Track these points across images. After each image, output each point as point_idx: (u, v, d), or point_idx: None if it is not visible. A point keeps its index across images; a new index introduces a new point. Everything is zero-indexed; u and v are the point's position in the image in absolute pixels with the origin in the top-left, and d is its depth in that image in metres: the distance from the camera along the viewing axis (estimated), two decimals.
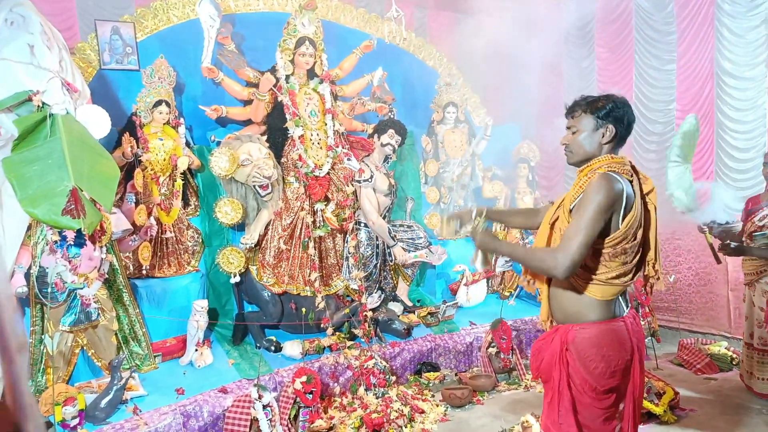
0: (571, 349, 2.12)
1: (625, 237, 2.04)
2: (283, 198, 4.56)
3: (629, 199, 2.04)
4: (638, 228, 2.07)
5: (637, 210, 2.06)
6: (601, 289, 2.09)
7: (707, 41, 5.38)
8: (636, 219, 2.05)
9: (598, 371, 2.08)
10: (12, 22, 2.96)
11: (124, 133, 4.04)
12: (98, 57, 4.27)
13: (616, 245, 2.04)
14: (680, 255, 5.56)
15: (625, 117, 2.11)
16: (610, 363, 2.08)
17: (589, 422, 2.14)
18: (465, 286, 5.47)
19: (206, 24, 4.46)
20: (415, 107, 5.81)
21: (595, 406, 2.12)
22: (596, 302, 2.10)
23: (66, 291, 3.36)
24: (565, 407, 2.14)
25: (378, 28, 5.58)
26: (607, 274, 2.06)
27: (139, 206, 4.06)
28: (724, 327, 5.27)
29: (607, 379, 2.09)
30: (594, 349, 2.08)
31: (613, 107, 2.09)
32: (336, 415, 3.87)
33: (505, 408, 4.07)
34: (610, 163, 2.08)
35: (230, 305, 4.62)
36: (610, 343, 2.08)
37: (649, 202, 2.14)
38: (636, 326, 2.17)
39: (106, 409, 3.32)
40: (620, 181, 2.02)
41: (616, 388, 2.13)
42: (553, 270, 1.99)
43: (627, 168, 2.10)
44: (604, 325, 2.10)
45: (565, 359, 2.13)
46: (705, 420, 3.73)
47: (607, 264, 2.06)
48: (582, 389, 2.11)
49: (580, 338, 2.11)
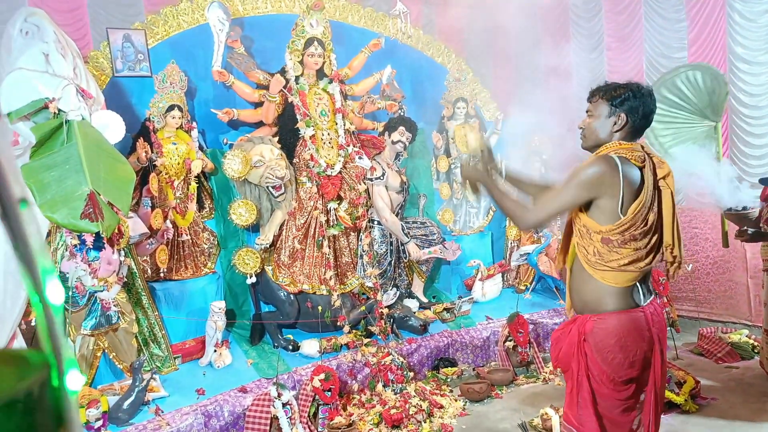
0: (588, 340, 2.12)
1: (634, 223, 2.03)
2: (296, 198, 4.59)
3: (633, 184, 2.04)
4: (649, 213, 2.06)
5: (646, 195, 2.05)
6: (614, 275, 2.08)
7: (719, 27, 5.33)
8: (644, 205, 2.04)
9: (616, 362, 2.08)
10: (27, 32, 3.02)
11: (138, 139, 4.09)
12: (111, 65, 4.33)
13: (624, 231, 2.04)
14: (698, 243, 5.50)
15: (640, 108, 2.10)
16: (628, 353, 2.07)
17: (608, 412, 2.14)
18: (480, 281, 5.46)
19: (215, 28, 4.50)
20: (424, 104, 5.81)
21: (613, 397, 2.12)
22: (613, 290, 2.09)
23: (86, 294, 3.42)
24: (584, 398, 2.15)
25: (386, 27, 5.59)
26: (620, 261, 2.06)
27: (155, 210, 4.11)
28: (745, 315, 5.20)
29: (625, 369, 2.08)
30: (611, 340, 2.08)
31: (628, 96, 2.10)
32: (355, 412, 3.89)
33: (524, 401, 4.06)
34: (617, 149, 2.09)
35: (247, 306, 4.66)
36: (628, 334, 2.07)
37: (664, 187, 2.12)
38: (657, 316, 2.15)
39: (129, 410, 3.37)
40: (619, 165, 2.02)
41: (636, 379, 2.12)
42: (517, 220, 2.15)
43: (637, 154, 2.09)
44: (622, 315, 2.09)
45: (583, 350, 2.14)
46: (727, 408, 3.69)
47: (618, 251, 2.06)
48: (600, 380, 2.11)
49: (597, 329, 2.11)
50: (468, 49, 6.29)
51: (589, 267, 2.11)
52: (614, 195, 2.03)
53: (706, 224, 5.37)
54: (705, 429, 3.45)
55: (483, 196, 2.41)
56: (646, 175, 2.08)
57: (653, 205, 2.08)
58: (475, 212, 5.90)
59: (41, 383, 0.32)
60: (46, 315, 0.33)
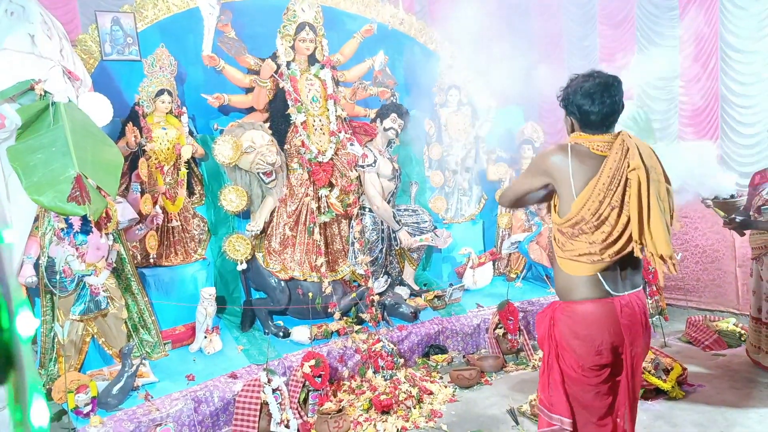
0: (557, 325, 2.17)
1: (582, 218, 2.03)
2: (288, 184, 4.57)
3: (586, 172, 2.03)
4: (602, 207, 2.00)
5: (596, 188, 2.00)
6: (572, 265, 2.11)
7: (711, 15, 5.32)
8: (593, 199, 2.00)
9: (582, 349, 2.11)
10: (12, 12, 2.97)
11: (127, 124, 4.06)
12: (99, 48, 4.27)
13: (573, 225, 2.06)
14: (687, 233, 5.54)
15: (580, 101, 2.08)
16: (593, 342, 2.09)
17: (579, 396, 2.16)
18: (471, 269, 5.47)
19: (206, 12, 4.44)
20: (417, 91, 5.78)
21: (583, 382, 2.14)
22: (579, 279, 2.10)
23: (75, 279, 3.39)
24: (555, 380, 2.19)
25: (378, 12, 5.55)
26: (573, 252, 2.08)
27: (145, 195, 4.08)
28: (732, 304, 5.25)
29: (592, 357, 2.10)
30: (576, 327, 2.12)
31: (562, 95, 2.17)
32: (345, 398, 3.90)
33: (513, 387, 4.09)
34: (576, 138, 2.14)
35: (238, 292, 4.66)
36: (593, 323, 2.09)
37: (633, 179, 2.00)
38: (630, 308, 2.11)
39: (118, 395, 3.37)
40: (569, 152, 2.06)
41: (607, 366, 2.13)
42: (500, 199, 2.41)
43: (597, 143, 2.08)
44: (587, 304, 2.10)
45: (553, 335, 2.19)
46: (713, 394, 3.74)
47: (572, 242, 2.09)
48: (569, 364, 2.15)
49: (563, 316, 2.16)
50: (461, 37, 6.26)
51: (556, 256, 2.18)
52: (565, 182, 2.06)
53: (695, 213, 5.40)
54: (692, 414, 3.48)
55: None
56: (606, 167, 2.01)
57: (610, 199, 1.99)
58: (466, 200, 5.90)
59: None
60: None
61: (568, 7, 6.46)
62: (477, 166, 5.89)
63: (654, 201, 1.99)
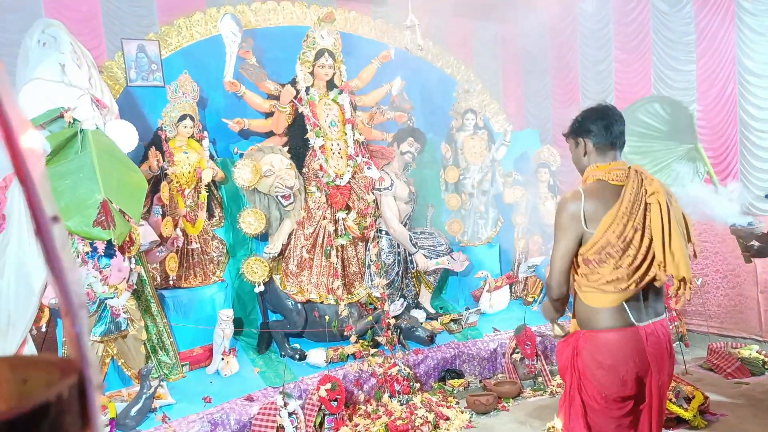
0: (581, 355, 2.14)
1: (608, 241, 2.04)
2: (305, 207, 4.62)
3: (606, 203, 2.08)
4: (626, 229, 2.04)
5: (620, 211, 2.05)
6: (596, 296, 2.10)
7: (728, 40, 5.32)
8: (617, 222, 2.04)
9: (606, 379, 2.08)
10: (44, 43, 3.08)
11: (150, 148, 4.15)
12: (125, 74, 4.40)
13: (600, 251, 2.06)
14: (707, 257, 5.47)
15: (590, 125, 2.19)
16: (618, 372, 2.07)
17: (602, 428, 2.13)
18: (488, 292, 5.45)
19: (228, 39, 4.56)
20: (433, 115, 5.84)
21: (606, 414, 2.11)
22: (599, 310, 2.10)
23: (97, 301, 3.45)
24: (576, 411, 2.16)
25: (396, 38, 5.64)
26: (599, 281, 2.07)
27: (166, 218, 4.15)
28: (755, 330, 5.15)
29: (617, 387, 2.08)
30: (600, 357, 2.09)
31: (576, 121, 2.25)
32: (361, 423, 3.88)
33: (530, 414, 4.05)
34: (594, 171, 2.18)
35: (255, 314, 4.68)
36: (617, 352, 2.07)
37: (653, 203, 2.05)
38: (656, 337, 2.10)
39: (136, 417, 3.39)
40: (573, 199, 2.11)
41: (631, 398, 2.10)
42: (548, 292, 2.23)
43: (614, 174, 2.14)
44: (611, 333, 2.08)
45: (576, 365, 2.16)
46: (736, 424, 3.66)
47: (599, 270, 2.08)
48: (592, 395, 2.12)
49: (587, 346, 2.13)
50: (477, 61, 6.33)
51: (578, 288, 2.17)
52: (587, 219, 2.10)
53: (715, 238, 5.34)
54: None
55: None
56: (627, 192, 2.07)
57: (633, 222, 2.04)
58: (483, 223, 5.90)
59: (69, 387, 0.34)
60: (76, 323, 0.35)
61: (582, 32, 6.50)
62: (493, 189, 5.90)
63: (674, 223, 2.05)
